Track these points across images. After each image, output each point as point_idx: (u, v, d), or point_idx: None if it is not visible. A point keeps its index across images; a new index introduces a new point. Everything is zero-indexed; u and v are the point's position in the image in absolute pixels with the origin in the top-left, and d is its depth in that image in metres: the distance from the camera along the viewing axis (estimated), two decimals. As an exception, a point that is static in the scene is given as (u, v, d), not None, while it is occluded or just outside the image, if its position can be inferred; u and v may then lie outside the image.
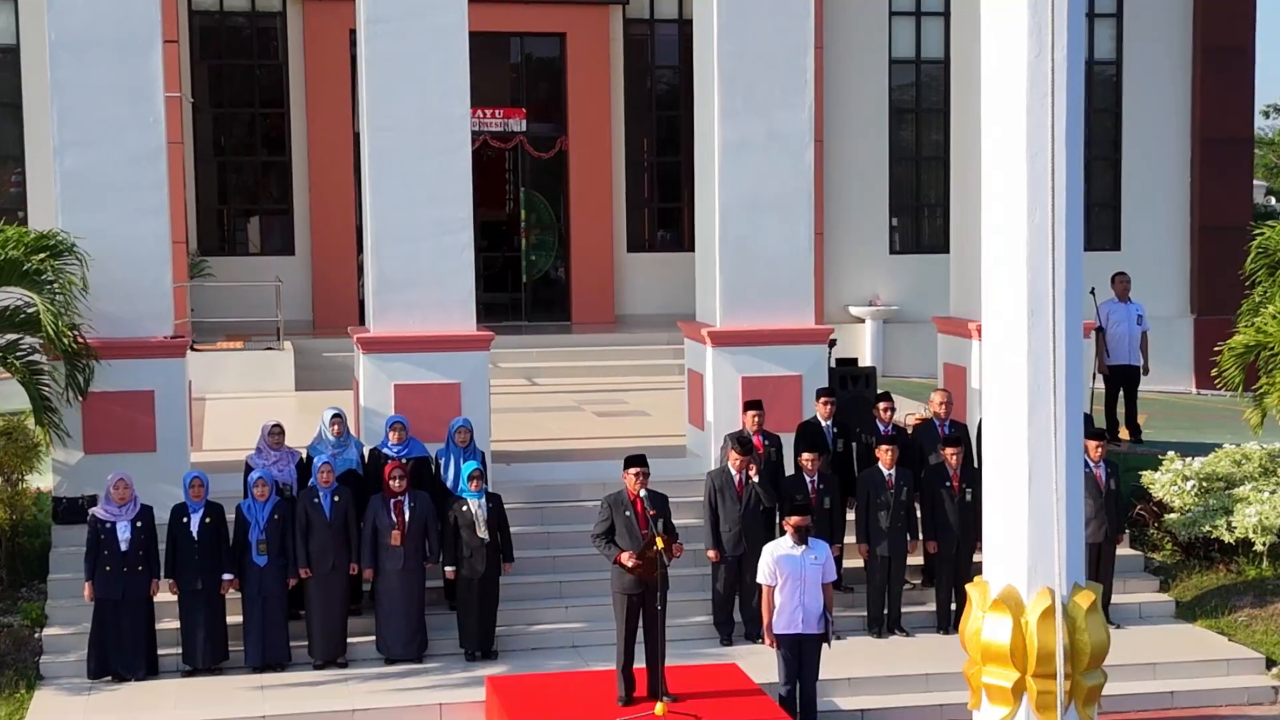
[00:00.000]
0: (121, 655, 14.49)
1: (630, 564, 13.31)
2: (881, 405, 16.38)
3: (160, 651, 14.73)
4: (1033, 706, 8.11)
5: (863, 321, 25.24)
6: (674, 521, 16.14)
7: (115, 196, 16.22)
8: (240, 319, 24.63)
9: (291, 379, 22.86)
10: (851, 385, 18.02)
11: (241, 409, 20.99)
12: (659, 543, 13.00)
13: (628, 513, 13.54)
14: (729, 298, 17.40)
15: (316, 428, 15.82)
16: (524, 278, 27.16)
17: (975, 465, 16.44)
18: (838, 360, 18.63)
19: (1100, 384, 19.37)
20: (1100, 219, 27.12)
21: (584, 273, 26.46)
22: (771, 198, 17.36)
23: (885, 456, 15.63)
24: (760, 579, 13.61)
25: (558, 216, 27.01)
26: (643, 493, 13.53)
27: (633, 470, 13.61)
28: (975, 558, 15.85)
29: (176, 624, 14.77)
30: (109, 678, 14.49)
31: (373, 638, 15.05)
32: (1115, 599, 16.35)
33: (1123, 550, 17.06)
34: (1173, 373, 25.10)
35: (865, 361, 24.90)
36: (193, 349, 22.49)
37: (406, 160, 16.62)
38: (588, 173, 26.45)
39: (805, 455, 15.56)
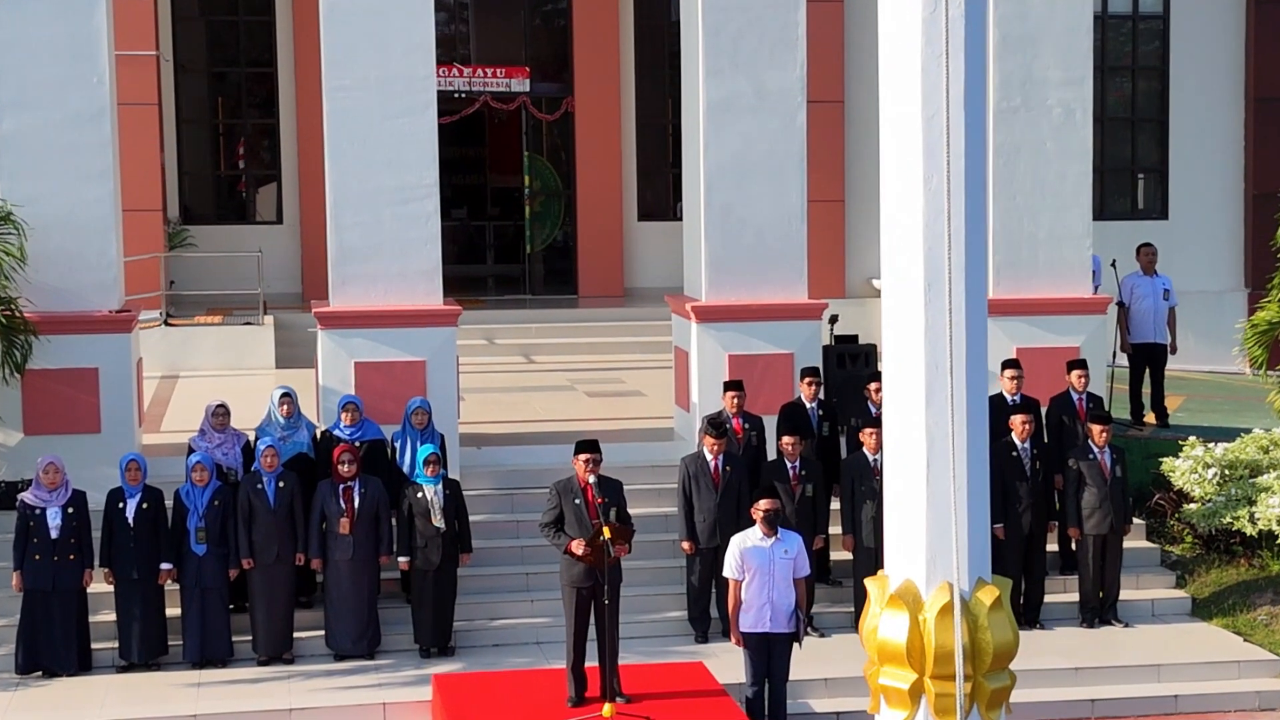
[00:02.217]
0: (52, 649, 14.70)
1: (580, 552, 13.37)
2: (873, 385, 16.36)
3: (96, 645, 14.94)
4: (931, 710, 8.11)
5: (887, 295, 25.13)
6: (650, 511, 16.33)
7: (56, 160, 16.44)
8: (224, 292, 24.75)
9: (272, 356, 23.02)
10: (850, 364, 17.99)
11: (214, 388, 21.08)
12: (605, 532, 13.05)
13: (577, 500, 13.61)
14: (715, 270, 17.41)
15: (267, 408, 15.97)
16: (528, 248, 27.22)
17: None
18: (836, 337, 18.60)
19: (1117, 363, 19.25)
20: (1146, 186, 26.90)
21: (592, 243, 26.50)
22: (760, 162, 17.36)
23: (870, 440, 15.61)
24: (726, 572, 13.64)
25: (564, 183, 27.05)
26: (592, 479, 13.57)
27: (582, 456, 13.67)
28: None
29: (113, 616, 14.95)
30: (39, 673, 14.70)
31: (322, 632, 15.18)
32: (1127, 595, 16.30)
33: (1138, 543, 17.01)
34: (1223, 352, 24.83)
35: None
36: (166, 324, 22.84)
37: (367, 122, 16.73)
38: (596, 136, 26.46)
39: (785, 439, 15.56)
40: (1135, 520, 17.22)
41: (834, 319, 18.94)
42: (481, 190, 31.96)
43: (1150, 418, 19.31)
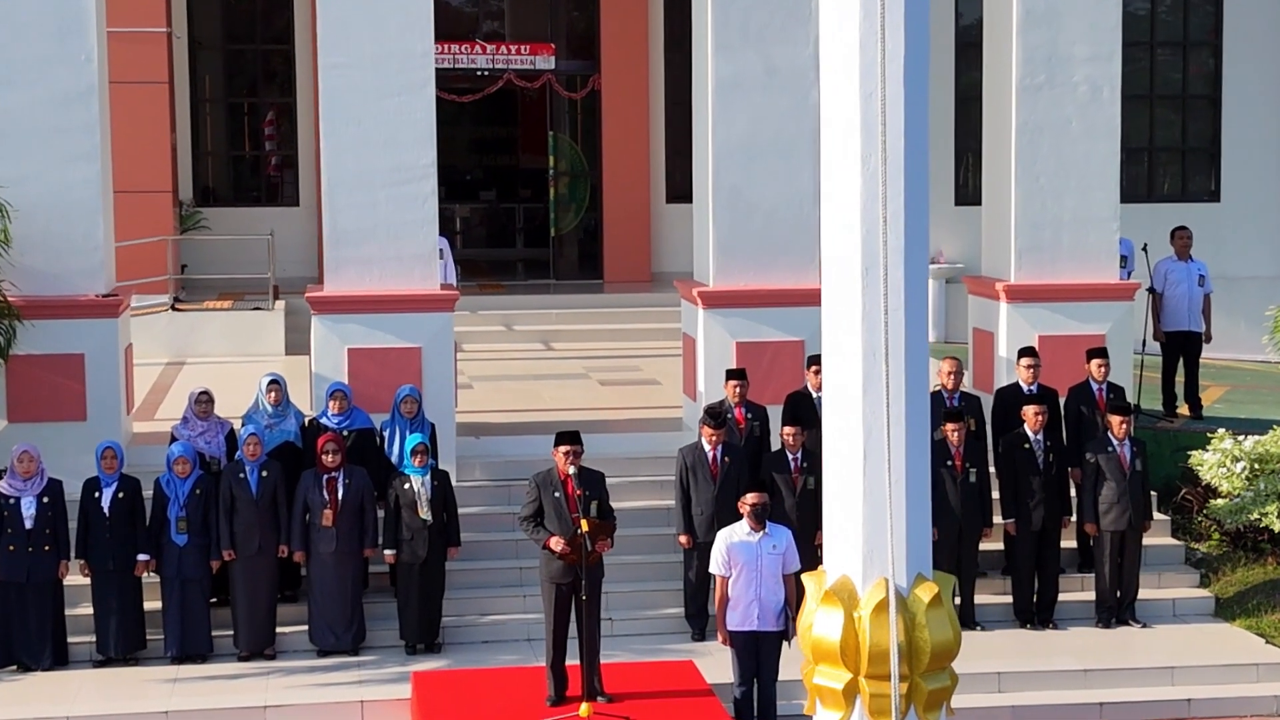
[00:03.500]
0: (26, 642, 14.84)
1: (559, 549, 13.41)
2: (880, 374, 16.30)
3: (73, 639, 15.08)
4: (866, 711, 8.10)
5: (923, 281, 25.03)
6: (651, 504, 16.36)
7: (42, 141, 16.58)
8: (236, 276, 24.91)
9: (282, 342, 23.18)
10: (865, 352, 17.89)
11: (219, 374, 21.27)
12: (583, 525, 13.07)
13: (556, 493, 13.64)
14: (722, 254, 17.40)
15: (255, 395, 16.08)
16: (552, 231, 27.28)
17: (983, 443, 16.39)
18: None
19: (1148, 352, 19.11)
20: (1197, 166, 26.69)
21: (618, 226, 26.53)
22: (770, 142, 17.32)
23: (877, 432, 15.56)
24: (712, 568, 13.65)
25: (589, 164, 27.07)
26: (572, 470, 13.59)
27: (562, 448, 13.69)
28: (982, 545, 15.87)
29: (90, 609, 15.09)
30: (14, 667, 14.85)
31: (306, 627, 15.28)
32: (1148, 595, 16.21)
33: (1162, 540, 16.90)
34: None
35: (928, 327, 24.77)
36: (173, 308, 23.03)
37: (362, 101, 16.78)
38: (623, 115, 26.47)
39: (786, 429, 15.55)
40: (1160, 516, 17.14)
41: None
42: (513, 171, 32.14)
43: (1184, 409, 19.15)
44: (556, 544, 13.44)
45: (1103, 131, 17.81)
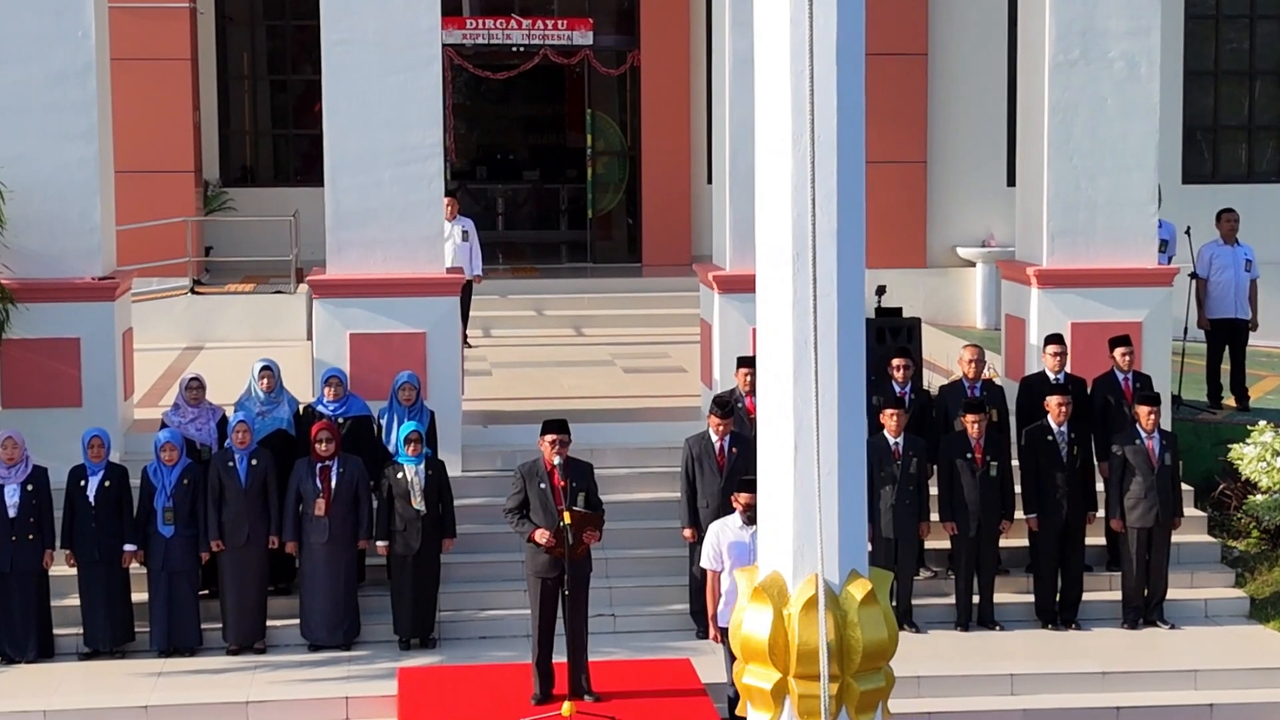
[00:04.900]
0: (10, 634, 15.07)
1: (544, 541, 13.48)
2: (896, 362, 16.30)
3: (59, 631, 15.29)
4: (796, 712, 8.11)
5: (973, 265, 24.93)
6: (660, 495, 16.39)
7: (37, 120, 16.79)
8: (264, 258, 25.03)
9: (303, 326, 23.29)
10: (891, 339, 17.86)
11: (236, 360, 21.46)
12: (565, 517, 13.14)
13: (542, 485, 13.71)
14: (739, 237, 17.39)
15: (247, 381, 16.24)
16: (589, 213, 27.34)
17: (1006, 434, 16.32)
18: (877, 310, 18.49)
19: (1190, 339, 18.98)
20: (1264, 145, 26.37)
21: (657, 208, 26.51)
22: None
23: (891, 422, 15.57)
24: (704, 563, 13.70)
25: (628, 143, 27.10)
26: (558, 461, 13.65)
27: (548, 437, 13.75)
28: (1002, 542, 15.82)
29: (77, 601, 15.28)
30: (-2, 658, 15.11)
31: (298, 621, 15.42)
32: (1179, 594, 16.12)
33: (1197, 537, 16.81)
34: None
35: (975, 313, 24.73)
36: (193, 291, 23.25)
37: (366, 78, 16.91)
38: (663, 93, 26.44)
39: (796, 420, 15.51)
40: (1197, 512, 17.04)
41: (881, 289, 18.82)
42: (558, 151, 32.21)
43: (1230, 401, 18.99)
44: (541, 536, 13.53)
45: (1140, 110, 17.65)
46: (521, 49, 26.72)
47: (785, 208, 8.09)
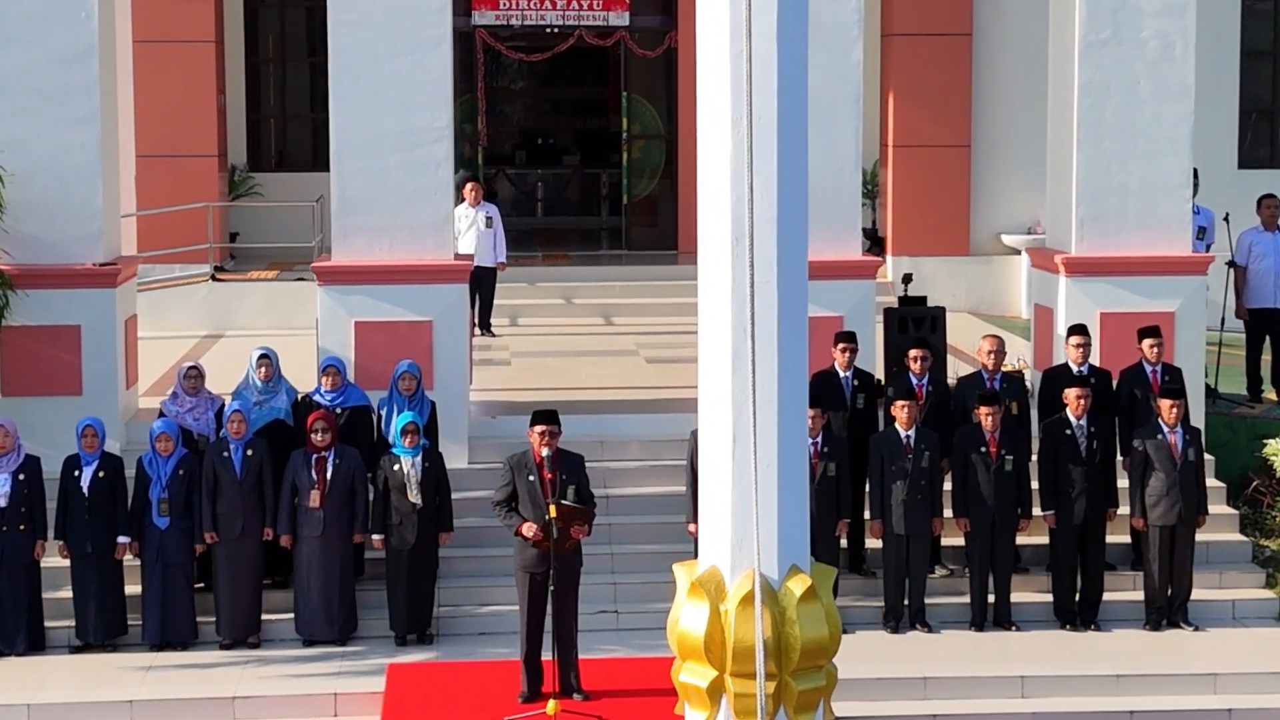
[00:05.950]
0: (0, 626, 15.22)
1: (531, 535, 13.53)
2: (913, 353, 16.26)
3: (51, 624, 15.45)
4: (732, 711, 8.13)
5: (1018, 253, 24.80)
6: (670, 490, 16.39)
7: (39, 103, 16.97)
8: (289, 244, 25.17)
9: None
10: (913, 329, 17.81)
11: (248, 348, 21.62)
12: (551, 511, 13.18)
13: (531, 477, 13.76)
14: (757, 223, 17.35)
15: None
16: (625, 199, 27.36)
17: (1026, 428, 16.27)
18: (901, 299, 18.46)
19: (1228, 330, 18.86)
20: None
21: (694, 193, 26.41)
22: (809, 103, 17.21)
23: (902, 414, 15.54)
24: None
25: (666, 127, 27.11)
26: (547, 453, 13.69)
27: (538, 428, 13.80)
28: (1022, 539, 15.78)
29: (69, 593, 15.43)
30: (-12, 650, 15.28)
31: (293, 615, 15.53)
32: (1206, 595, 16.03)
33: (1228, 536, 16.71)
34: None
35: (1020, 303, 24.59)
36: (213, 278, 23.44)
37: (373, 60, 17.00)
38: (702, 74, 26.42)
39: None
40: (1229, 510, 16.92)
41: (907, 278, 18.79)
42: (600, 135, 32.22)
43: (1271, 394, 18.85)
44: (529, 530, 13.58)
45: (1175, 91, 17.53)
46: (556, 30, 26.77)
47: (724, 193, 8.11)
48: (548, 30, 26.78)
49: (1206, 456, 16.84)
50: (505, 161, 31.58)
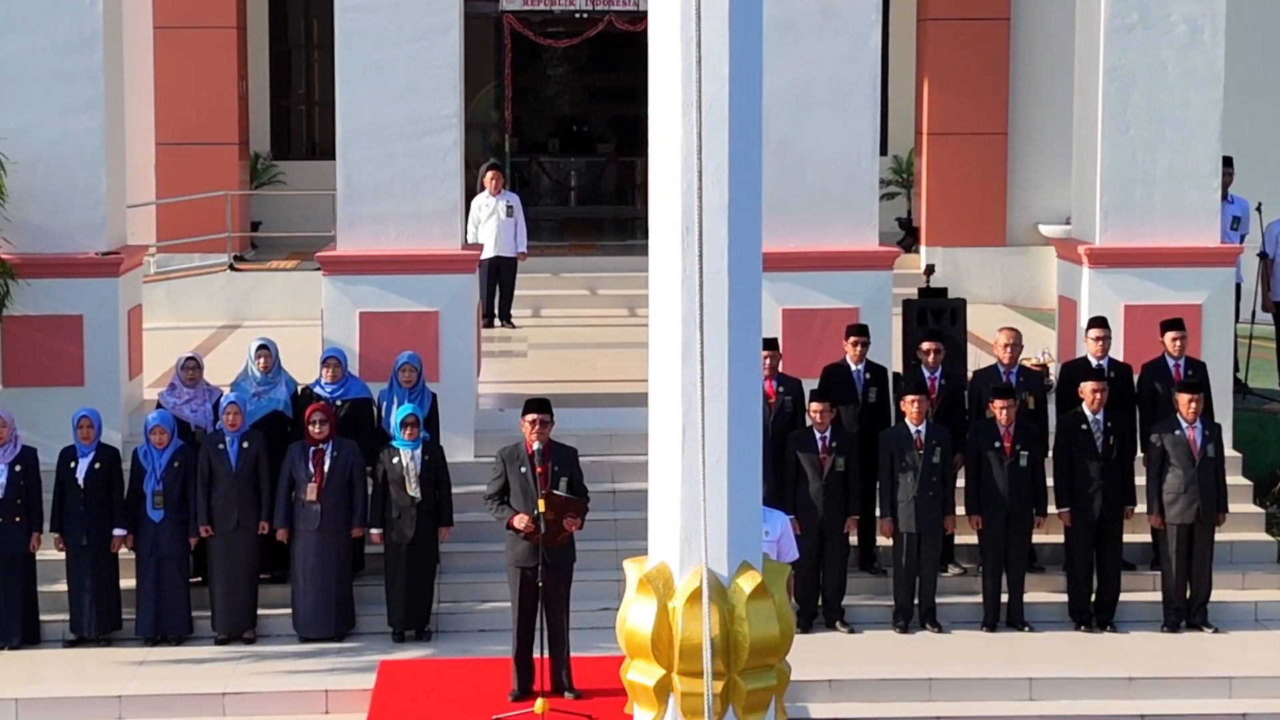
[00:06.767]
0: (-7, 618, 15.38)
1: (522, 527, 13.54)
2: (925, 346, 16.20)
3: (47, 617, 15.55)
4: (679, 710, 8.12)
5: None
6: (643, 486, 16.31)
7: (42, 90, 17.08)
8: (311, 234, 25.19)
9: (339, 305, 23.49)
10: (933, 321, 17.75)
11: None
12: (540, 504, 13.20)
13: (523, 469, 13.77)
14: (769, 212, 16.91)
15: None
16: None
17: (1042, 424, 16.19)
18: (921, 290, 18.40)
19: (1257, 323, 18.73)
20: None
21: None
22: (825, 90, 17.23)
23: (912, 409, 15.48)
24: (698, 554, 13.67)
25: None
26: (537, 445, 13.70)
27: (529, 417, 13.80)
28: (1038, 537, 15.71)
29: (65, 586, 15.52)
30: (-17, 643, 15.39)
31: (290, 610, 15.59)
32: (1228, 596, 15.94)
33: (1253, 535, 16.61)
34: None
35: (1054, 295, 24.42)
36: (232, 269, 23.54)
37: (380, 46, 17.04)
38: (735, 59, 26.38)
39: (814, 406, 15.52)
40: (1255, 508, 16.80)
41: (929, 269, 18.74)
42: (635, 123, 32.20)
43: (1302, 391, 18.74)
44: (520, 522, 13.58)
45: (1203, 77, 17.40)
46: (584, 15, 26.77)
47: (675, 180, 8.09)
48: (577, 15, 26.78)
49: (1233, 453, 16.75)
50: (538, 150, 31.60)
